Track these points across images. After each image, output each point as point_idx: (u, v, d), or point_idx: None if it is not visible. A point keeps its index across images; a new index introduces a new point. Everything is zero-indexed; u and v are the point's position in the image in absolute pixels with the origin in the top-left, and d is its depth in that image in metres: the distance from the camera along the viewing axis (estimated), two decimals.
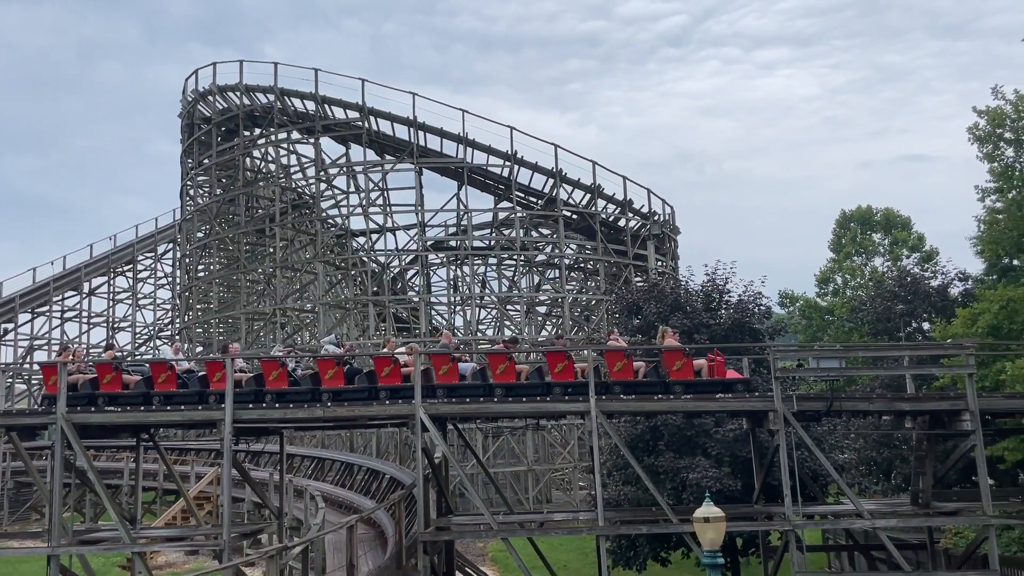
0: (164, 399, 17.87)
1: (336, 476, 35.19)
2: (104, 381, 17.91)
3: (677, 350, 17.81)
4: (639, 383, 17.62)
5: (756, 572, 25.20)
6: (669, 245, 51.62)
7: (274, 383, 17.75)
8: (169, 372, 17.99)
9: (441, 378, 17.56)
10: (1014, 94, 26.65)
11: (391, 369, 17.52)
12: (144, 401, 17.92)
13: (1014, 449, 24.09)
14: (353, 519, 17.55)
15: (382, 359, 17.87)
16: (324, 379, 17.70)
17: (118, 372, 18.15)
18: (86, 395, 17.83)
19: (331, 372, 17.61)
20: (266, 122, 50.13)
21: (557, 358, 17.65)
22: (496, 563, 32.63)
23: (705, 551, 12.54)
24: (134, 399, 17.94)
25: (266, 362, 18.45)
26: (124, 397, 17.93)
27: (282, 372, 17.84)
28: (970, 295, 32.48)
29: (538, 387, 17.75)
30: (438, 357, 17.94)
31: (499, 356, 17.95)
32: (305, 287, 52.18)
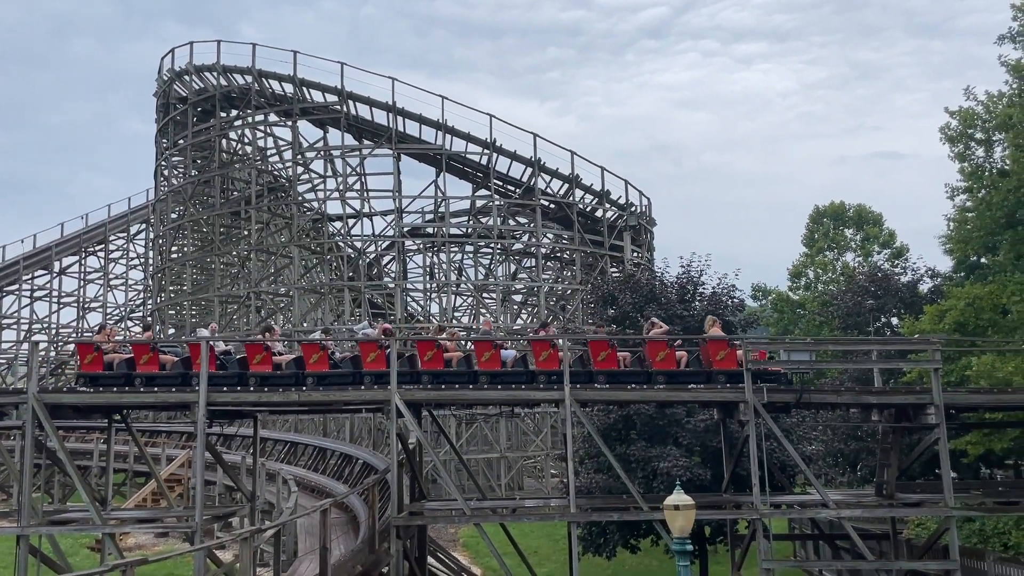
0: (375, 379, 17.60)
1: (309, 460, 35.16)
2: (141, 361, 17.85)
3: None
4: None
5: (723, 560, 25.62)
6: (645, 236, 51.94)
7: (314, 366, 17.70)
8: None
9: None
10: (985, 95, 27.11)
11: (433, 354, 17.61)
12: (182, 382, 17.79)
13: (976, 443, 24.67)
14: (326, 503, 17.61)
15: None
16: (366, 363, 17.66)
17: (155, 352, 18.07)
18: (123, 375, 17.81)
19: (372, 355, 17.60)
20: (243, 103, 49.64)
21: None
22: (467, 548, 32.85)
23: (674, 538, 12.76)
24: (172, 380, 17.89)
25: (306, 346, 18.42)
26: (161, 378, 17.92)
27: (323, 356, 17.77)
28: (938, 292, 33.09)
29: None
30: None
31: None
32: (280, 271, 51.88)
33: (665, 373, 17.56)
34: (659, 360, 17.60)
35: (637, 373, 17.90)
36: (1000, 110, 26.13)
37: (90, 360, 17.86)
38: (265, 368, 17.73)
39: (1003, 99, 26.35)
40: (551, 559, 30.24)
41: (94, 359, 17.92)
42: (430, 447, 22.89)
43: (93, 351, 18.04)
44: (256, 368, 17.74)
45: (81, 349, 18.67)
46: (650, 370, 17.77)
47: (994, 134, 26.96)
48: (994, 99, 26.77)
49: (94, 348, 18.12)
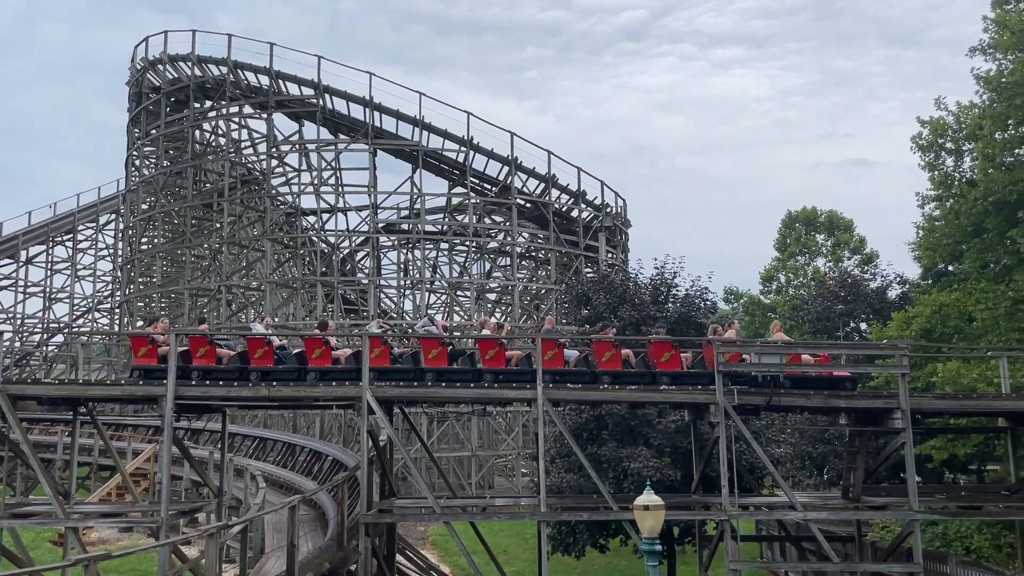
0: (261, 375, 17.56)
1: (278, 456, 34.84)
2: (197, 355, 17.59)
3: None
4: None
5: (691, 560, 25.80)
6: (620, 237, 52.17)
7: (377, 360, 17.54)
8: (267, 348, 17.75)
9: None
10: (956, 106, 27.49)
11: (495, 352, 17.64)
12: (239, 376, 17.57)
13: (941, 448, 25.04)
14: (295, 499, 17.44)
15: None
16: (427, 359, 17.63)
17: (212, 346, 17.81)
18: (178, 368, 17.49)
19: (434, 352, 17.56)
20: (217, 95, 49.11)
21: (489, 345, 17.81)
22: (436, 547, 32.78)
23: (644, 538, 12.81)
24: (229, 374, 17.67)
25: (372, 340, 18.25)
26: (218, 372, 17.70)
27: (384, 350, 17.66)
28: (906, 298, 33.54)
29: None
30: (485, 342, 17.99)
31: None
32: (252, 264, 51.40)
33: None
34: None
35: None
36: (970, 121, 26.53)
37: (144, 353, 17.56)
38: (324, 363, 17.60)
39: (973, 110, 26.76)
40: (520, 558, 30.25)
41: (148, 352, 17.61)
42: (401, 445, 22.79)
43: (148, 343, 17.70)
44: (316, 363, 17.58)
45: (135, 342, 18.32)
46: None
47: (964, 144, 27.37)
48: (965, 110, 27.16)
49: (148, 341, 17.79)
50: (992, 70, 25.20)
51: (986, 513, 19.25)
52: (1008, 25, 23.73)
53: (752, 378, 17.60)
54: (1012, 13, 24.69)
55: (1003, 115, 24.05)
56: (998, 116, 24.36)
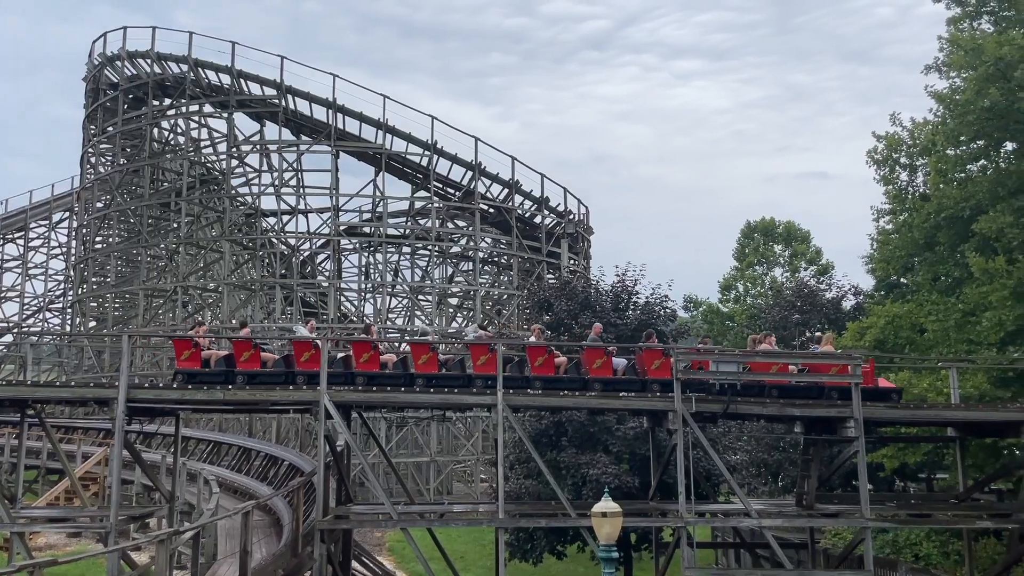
0: (307, 379, 17.26)
1: (233, 461, 34.31)
2: (241, 359, 17.33)
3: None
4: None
5: (648, 567, 25.92)
6: (582, 244, 52.40)
7: (423, 368, 17.45)
8: (313, 351, 17.46)
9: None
10: (911, 122, 28.12)
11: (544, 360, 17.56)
12: (285, 380, 17.35)
13: (892, 457, 25.53)
14: (249, 505, 17.18)
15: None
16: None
17: (256, 350, 17.56)
18: (221, 372, 17.27)
19: (483, 359, 17.47)
20: (177, 93, 48.37)
21: (480, 350, 17.78)
22: (393, 553, 32.53)
23: (601, 545, 12.84)
24: (275, 378, 17.44)
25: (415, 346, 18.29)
26: (263, 375, 17.46)
27: (432, 357, 17.57)
28: (860, 309, 34.19)
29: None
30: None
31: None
32: (209, 265, 50.61)
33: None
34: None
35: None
36: (924, 137, 27.16)
37: (187, 356, 17.29)
38: (372, 368, 17.49)
39: (927, 126, 27.39)
40: (477, 564, 30.15)
41: (191, 355, 17.34)
42: (359, 450, 22.58)
43: (191, 347, 17.42)
44: (363, 367, 17.43)
45: (177, 345, 18.00)
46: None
47: (917, 160, 28.00)
48: (919, 126, 27.80)
49: (192, 344, 17.49)
50: (946, 88, 25.83)
51: (935, 521, 19.63)
52: (961, 44, 24.34)
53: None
54: (965, 33, 25.34)
55: (955, 132, 24.65)
56: (950, 132, 24.97)
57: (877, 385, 18.68)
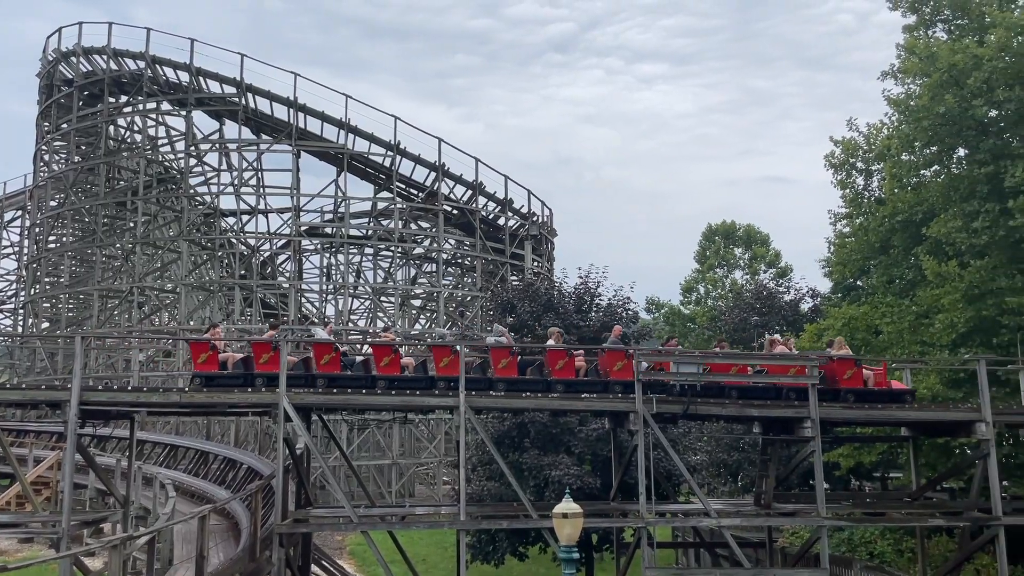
0: (329, 381, 17.16)
1: (190, 464, 33.72)
2: (260, 361, 17.01)
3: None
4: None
5: (609, 567, 26.04)
6: (546, 246, 52.52)
7: (445, 370, 17.36)
8: (333, 354, 17.33)
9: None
10: (867, 127, 28.67)
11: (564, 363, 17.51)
12: (306, 383, 17.16)
13: (848, 456, 25.97)
14: (205, 509, 16.90)
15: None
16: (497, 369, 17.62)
17: (276, 352, 17.16)
18: (241, 375, 16.98)
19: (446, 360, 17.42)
20: (134, 90, 47.50)
21: (443, 352, 17.71)
22: (354, 556, 32.28)
23: (561, 546, 12.85)
24: (295, 380, 17.16)
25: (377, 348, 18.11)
26: (340, 379, 17.31)
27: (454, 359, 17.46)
28: (818, 311, 34.78)
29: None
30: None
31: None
32: (167, 266, 49.75)
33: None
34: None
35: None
36: (880, 141, 27.69)
37: (204, 359, 17.02)
38: (393, 371, 17.40)
39: (883, 130, 27.94)
40: (439, 567, 30.04)
41: (209, 358, 17.05)
42: (318, 453, 22.36)
43: (208, 349, 17.12)
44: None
45: (194, 348, 17.73)
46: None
47: (873, 164, 28.55)
48: (875, 130, 28.34)
49: (209, 347, 17.19)
50: (902, 94, 26.36)
51: (889, 519, 20.01)
52: (916, 52, 24.85)
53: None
54: (920, 39, 25.88)
55: (910, 137, 25.16)
56: (905, 138, 25.48)
57: (890, 387, 18.90)
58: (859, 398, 18.30)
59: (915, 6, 26.71)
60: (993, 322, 22.50)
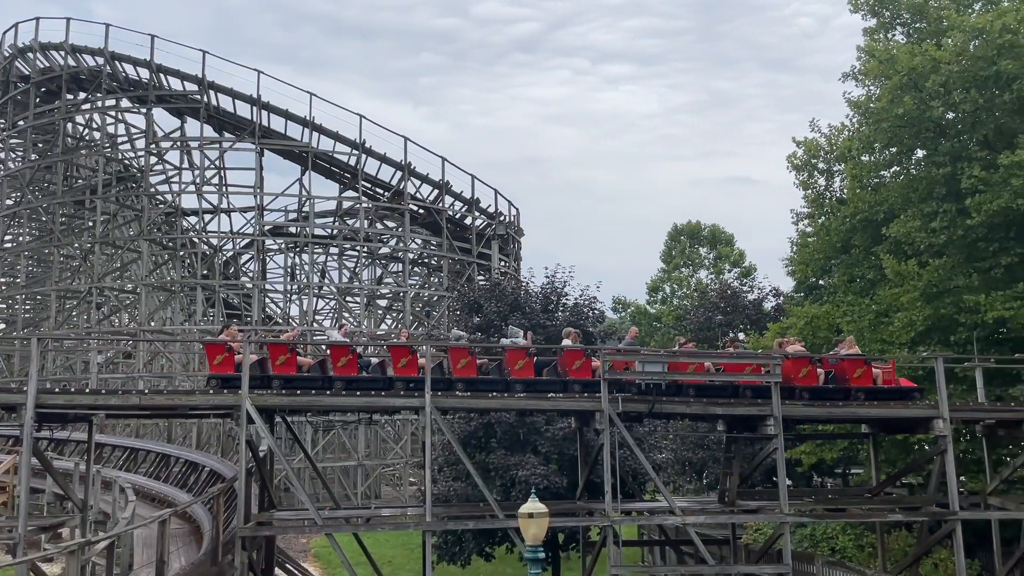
0: (346, 384, 16.99)
1: (151, 468, 33.16)
2: (277, 363, 16.85)
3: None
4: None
5: (576, 566, 26.12)
6: (513, 246, 52.51)
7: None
8: (350, 356, 17.09)
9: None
10: (828, 128, 29.09)
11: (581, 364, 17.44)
12: (323, 385, 17.02)
13: (810, 453, 26.33)
14: (166, 513, 16.62)
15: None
16: (514, 371, 17.47)
17: (293, 354, 17.02)
18: (256, 377, 16.63)
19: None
20: (93, 87, 46.59)
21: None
22: (319, 559, 32.00)
23: (527, 546, 12.83)
24: (311, 382, 17.09)
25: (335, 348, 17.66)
26: (299, 380, 17.08)
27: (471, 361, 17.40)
28: (781, 310, 35.21)
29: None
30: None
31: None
32: (127, 266, 48.88)
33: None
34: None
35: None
36: (841, 142, 28.11)
37: (219, 361, 16.75)
38: (411, 372, 17.25)
39: (844, 132, 28.36)
40: (406, 568, 29.90)
41: (224, 360, 16.76)
42: (282, 455, 22.12)
43: (224, 351, 16.84)
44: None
45: (209, 350, 17.42)
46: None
47: (835, 165, 28.97)
48: (836, 132, 28.76)
49: (225, 348, 16.90)
50: (862, 95, 26.78)
51: (850, 515, 20.31)
52: (876, 54, 25.26)
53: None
54: (880, 43, 26.32)
55: (870, 138, 25.57)
56: (865, 139, 25.89)
57: (899, 384, 19.12)
58: (868, 396, 18.55)
59: (875, 9, 27.16)
60: (951, 320, 22.95)
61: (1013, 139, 22.22)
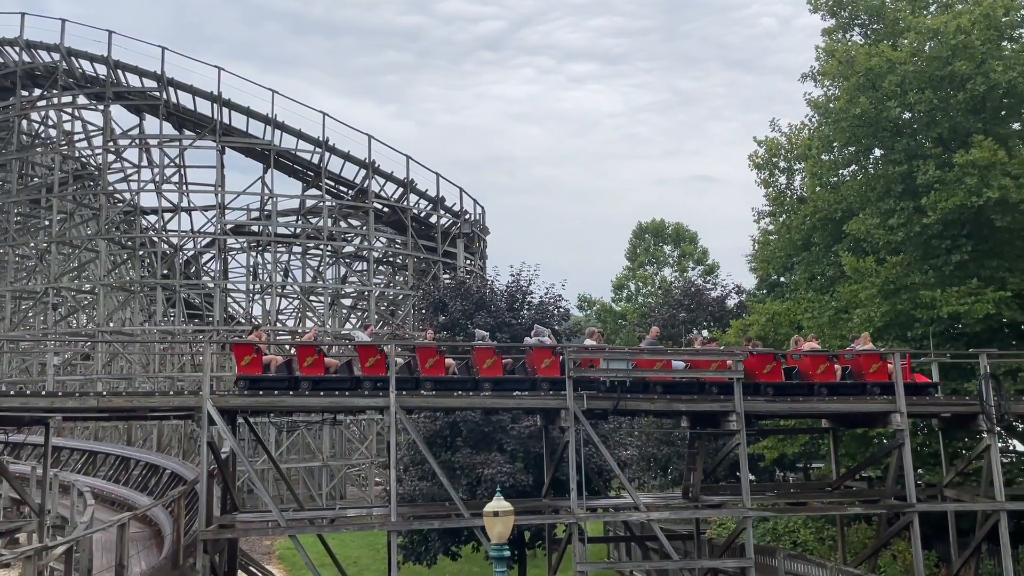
0: (313, 384, 16.93)
1: (110, 471, 32.58)
2: (305, 364, 16.87)
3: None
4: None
5: (542, 563, 26.17)
6: (478, 244, 52.41)
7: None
8: (379, 356, 16.97)
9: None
10: (788, 127, 29.52)
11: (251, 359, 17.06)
12: (352, 386, 17.13)
13: (772, 448, 26.71)
14: (125, 516, 16.34)
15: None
16: (540, 368, 17.59)
17: (320, 355, 16.98)
18: (285, 378, 16.59)
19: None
20: (48, 83, 45.62)
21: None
22: (283, 561, 31.69)
23: (492, 544, 12.83)
24: (340, 383, 17.13)
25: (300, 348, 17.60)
26: (327, 381, 17.03)
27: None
28: (743, 307, 35.64)
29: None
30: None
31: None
32: (84, 266, 47.93)
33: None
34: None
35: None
36: (801, 141, 28.53)
37: (247, 362, 16.71)
38: (254, 371, 16.93)
39: (804, 131, 28.79)
40: (371, 568, 29.73)
41: (252, 361, 16.70)
42: (245, 457, 21.86)
43: (252, 352, 16.77)
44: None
45: (237, 351, 17.33)
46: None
47: (795, 164, 29.41)
48: (796, 131, 29.18)
49: (253, 349, 16.82)
50: (821, 95, 27.19)
51: (811, 509, 20.62)
52: (835, 55, 25.66)
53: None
54: (839, 43, 26.73)
55: (829, 137, 25.98)
56: (825, 138, 26.30)
57: (914, 380, 19.41)
58: (883, 391, 18.85)
59: (833, 10, 27.59)
60: (908, 316, 23.41)
61: (967, 138, 22.72)
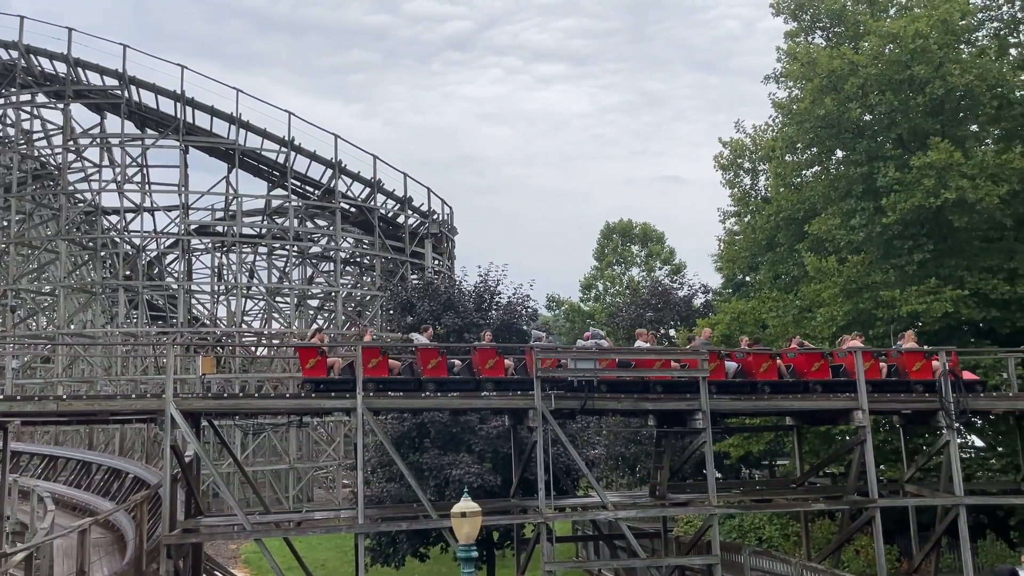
0: (438, 385, 17.37)
1: (71, 476, 32.00)
2: (369, 365, 16.99)
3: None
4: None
5: (510, 564, 26.20)
6: (446, 244, 52.27)
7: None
8: (440, 358, 17.48)
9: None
10: (753, 129, 29.86)
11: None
12: (416, 387, 17.42)
13: (738, 446, 26.99)
14: (86, 522, 16.07)
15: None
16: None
17: (385, 357, 17.06)
18: (348, 380, 16.68)
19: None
20: (6, 81, 44.63)
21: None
22: (249, 565, 31.36)
23: (460, 545, 12.81)
24: (404, 384, 17.40)
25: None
26: (390, 382, 17.27)
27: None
28: (709, 306, 35.95)
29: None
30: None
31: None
32: (44, 267, 46.99)
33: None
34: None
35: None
36: (765, 142, 28.88)
37: (312, 365, 16.92)
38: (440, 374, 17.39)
39: (768, 132, 29.14)
40: (339, 571, 29.53)
41: (317, 364, 16.93)
42: (209, 460, 21.58)
43: (316, 355, 17.00)
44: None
45: (303, 353, 17.69)
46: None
47: (759, 164, 29.76)
48: (760, 131, 29.53)
49: (317, 352, 17.06)
50: (785, 97, 27.53)
51: (775, 505, 20.86)
52: (797, 57, 26.01)
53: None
54: (801, 45, 27.10)
55: (792, 139, 26.32)
56: (788, 140, 26.65)
57: (961, 377, 19.57)
58: (926, 389, 19.16)
59: (796, 13, 27.95)
60: (869, 315, 23.80)
61: (925, 140, 23.15)
